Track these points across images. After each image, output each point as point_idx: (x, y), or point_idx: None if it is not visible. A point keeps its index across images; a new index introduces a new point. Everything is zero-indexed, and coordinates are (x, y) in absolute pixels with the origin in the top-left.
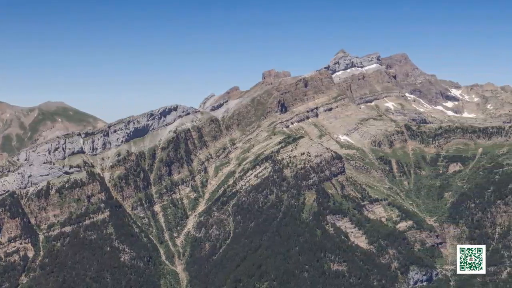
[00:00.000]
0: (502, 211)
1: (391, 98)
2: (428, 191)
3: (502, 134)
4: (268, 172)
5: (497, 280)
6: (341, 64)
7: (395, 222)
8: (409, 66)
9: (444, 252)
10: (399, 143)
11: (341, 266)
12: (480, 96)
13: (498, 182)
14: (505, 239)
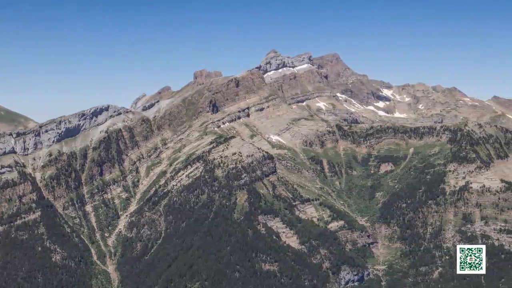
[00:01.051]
0: (433, 211)
1: (322, 98)
2: (360, 191)
3: (433, 134)
4: (199, 172)
5: (428, 280)
6: (273, 64)
7: (327, 222)
8: (341, 66)
9: (376, 252)
10: (331, 143)
11: (273, 266)
12: (411, 96)
13: (430, 182)
14: (436, 239)
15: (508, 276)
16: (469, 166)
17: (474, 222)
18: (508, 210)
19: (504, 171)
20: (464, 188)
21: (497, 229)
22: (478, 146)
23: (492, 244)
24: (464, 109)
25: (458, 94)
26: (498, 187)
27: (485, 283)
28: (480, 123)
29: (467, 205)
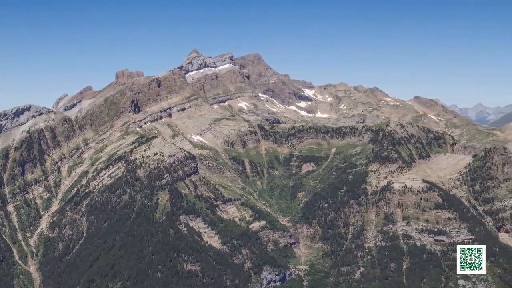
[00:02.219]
0: (355, 211)
1: (244, 98)
2: (281, 191)
3: (355, 134)
4: (121, 172)
5: (350, 280)
6: (194, 64)
7: (248, 222)
8: (262, 66)
9: (298, 252)
10: (252, 143)
11: (194, 266)
12: (333, 96)
13: (351, 182)
14: (358, 239)
15: (430, 276)
16: (390, 166)
17: (396, 222)
18: (430, 210)
19: (426, 171)
20: (385, 188)
21: (418, 229)
22: (399, 146)
23: (413, 244)
24: (386, 109)
25: (380, 94)
26: (419, 187)
27: (407, 283)
28: (401, 123)
29: (389, 205)
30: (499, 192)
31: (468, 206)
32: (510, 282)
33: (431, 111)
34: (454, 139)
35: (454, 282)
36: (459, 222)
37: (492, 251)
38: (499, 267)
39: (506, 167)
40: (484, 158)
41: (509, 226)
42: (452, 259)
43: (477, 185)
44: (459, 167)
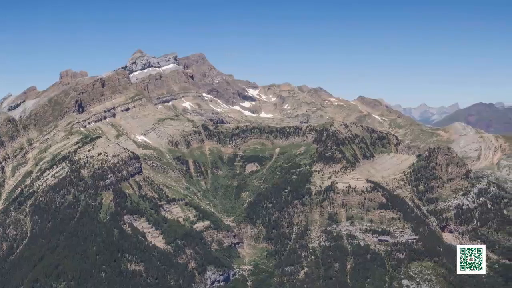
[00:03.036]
0: (299, 211)
1: (188, 98)
2: (225, 191)
3: (299, 134)
4: (65, 172)
5: (294, 280)
6: (139, 64)
7: (192, 222)
8: (207, 66)
9: (242, 252)
10: (197, 143)
11: (138, 266)
12: (277, 96)
13: (295, 182)
14: (302, 239)
15: (374, 276)
16: (334, 166)
17: (340, 222)
18: (374, 210)
19: (370, 171)
20: (329, 188)
21: (362, 229)
22: (343, 146)
23: (357, 244)
24: (330, 109)
25: (324, 94)
26: (363, 187)
27: (351, 283)
28: (345, 123)
29: (333, 205)
30: (443, 192)
31: (412, 206)
32: (453, 282)
33: (375, 111)
34: (398, 139)
35: (398, 282)
36: (403, 222)
37: (436, 251)
38: (443, 267)
39: (450, 167)
40: (428, 158)
41: (453, 226)
42: (396, 259)
43: (421, 185)
44: (403, 167)
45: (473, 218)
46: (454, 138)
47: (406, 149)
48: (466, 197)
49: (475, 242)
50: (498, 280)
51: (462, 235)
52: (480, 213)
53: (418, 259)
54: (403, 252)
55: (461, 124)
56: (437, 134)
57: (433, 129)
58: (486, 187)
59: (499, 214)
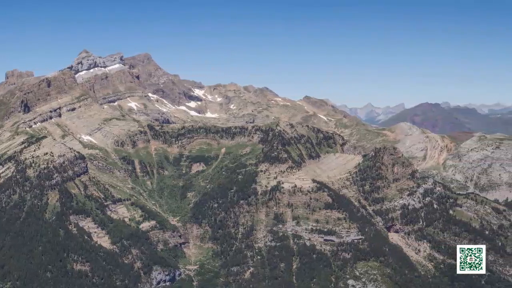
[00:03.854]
0: (245, 211)
1: (134, 98)
2: (171, 191)
3: (245, 134)
4: (11, 172)
5: (240, 280)
6: (84, 64)
7: (138, 222)
8: (152, 66)
9: (187, 252)
10: (142, 143)
11: (84, 266)
12: (223, 96)
13: (241, 182)
14: (248, 239)
15: (319, 276)
16: (280, 166)
17: (286, 222)
18: (320, 210)
19: (316, 171)
20: (275, 188)
21: (308, 229)
22: (289, 146)
23: (303, 244)
24: (275, 109)
25: (270, 94)
26: (309, 187)
27: (297, 283)
28: (291, 123)
29: (279, 205)
30: (389, 192)
31: (358, 206)
32: (399, 282)
33: (321, 111)
34: (344, 139)
35: (344, 282)
36: (348, 222)
37: (382, 251)
38: (388, 267)
39: (395, 167)
40: (373, 158)
41: (399, 226)
42: (342, 259)
43: (366, 185)
44: (349, 167)
45: (419, 218)
46: (400, 138)
47: (352, 149)
48: (412, 197)
49: (420, 242)
50: (443, 280)
51: (408, 235)
52: (426, 213)
53: (364, 259)
54: (349, 252)
55: (407, 124)
56: (383, 134)
57: (379, 129)
58: (432, 187)
59: (444, 214)
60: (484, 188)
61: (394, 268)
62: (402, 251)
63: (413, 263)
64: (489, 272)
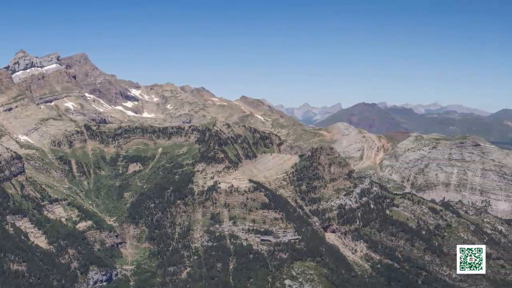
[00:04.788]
0: (181, 211)
1: (71, 98)
2: (108, 191)
3: (181, 134)
4: None
5: (176, 280)
6: (21, 64)
7: (75, 222)
8: (89, 66)
9: (124, 252)
10: (79, 143)
11: (21, 266)
12: (160, 96)
13: (178, 182)
14: (184, 239)
15: (256, 276)
16: (217, 166)
17: (223, 222)
18: (256, 210)
19: (252, 171)
20: (212, 188)
21: (245, 229)
22: (226, 146)
23: (240, 244)
24: (212, 109)
25: (207, 94)
26: (246, 187)
27: (233, 283)
28: (228, 123)
29: (216, 205)
30: (326, 192)
31: (295, 206)
32: (336, 282)
33: (258, 111)
34: (280, 139)
35: (281, 282)
36: (285, 222)
37: (319, 251)
38: (325, 267)
39: (332, 167)
40: (310, 158)
41: (336, 226)
42: (278, 259)
43: (303, 185)
44: (285, 167)
45: (355, 218)
46: (336, 138)
47: (288, 149)
48: (349, 197)
49: (357, 242)
50: (380, 280)
51: (344, 235)
52: (363, 213)
53: (301, 259)
54: (286, 252)
55: (343, 124)
56: (319, 134)
57: (316, 129)
58: (368, 187)
59: (381, 214)
60: (421, 188)
61: (330, 268)
62: (339, 251)
63: (350, 263)
64: (425, 272)
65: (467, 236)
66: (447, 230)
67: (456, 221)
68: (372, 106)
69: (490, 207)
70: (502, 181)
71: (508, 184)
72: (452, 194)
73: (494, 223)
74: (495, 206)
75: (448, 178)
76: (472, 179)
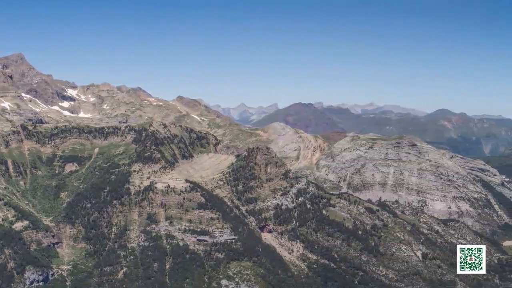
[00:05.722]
0: (118, 211)
1: (7, 98)
2: (44, 191)
3: (118, 134)
4: None
5: (113, 280)
6: None
7: (11, 222)
8: (26, 66)
9: (61, 252)
10: (15, 143)
11: None
12: (96, 96)
13: (114, 182)
14: (121, 239)
15: (192, 276)
16: (153, 166)
17: (159, 222)
18: (193, 210)
19: (189, 171)
20: (148, 188)
21: (181, 229)
22: (162, 146)
23: (176, 244)
24: (149, 109)
25: (143, 94)
26: (182, 187)
27: (170, 283)
28: (164, 123)
29: (152, 205)
30: (262, 192)
31: (231, 206)
32: (272, 281)
33: (194, 111)
34: (217, 139)
35: (217, 282)
36: (222, 222)
37: (255, 251)
38: (261, 267)
39: (269, 167)
40: (247, 158)
41: (272, 226)
42: (215, 259)
43: (240, 185)
44: (222, 167)
45: (292, 218)
46: (273, 138)
47: (225, 149)
48: (285, 197)
49: (294, 242)
50: (317, 280)
51: (281, 235)
52: (299, 213)
53: (237, 259)
54: (222, 252)
55: (280, 124)
56: (256, 134)
57: (252, 129)
58: (305, 187)
59: (318, 214)
60: (358, 188)
61: (267, 268)
62: (275, 251)
63: (286, 263)
64: (362, 272)
65: (404, 236)
66: (383, 230)
67: (392, 221)
68: (308, 106)
69: (427, 207)
70: (438, 181)
71: (444, 184)
72: (388, 194)
73: (431, 223)
74: (431, 206)
75: (385, 178)
76: (409, 179)
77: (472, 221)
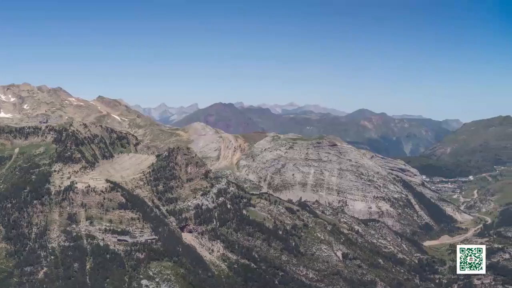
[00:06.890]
0: (38, 211)
1: None
2: None
3: (38, 134)
4: None
5: (33, 280)
6: None
7: None
8: None
9: None
10: None
11: None
12: (16, 96)
13: (35, 182)
14: (41, 239)
15: (113, 276)
16: (74, 166)
17: (79, 222)
18: (113, 210)
19: (109, 171)
20: (69, 188)
21: (102, 229)
22: (83, 146)
23: (97, 244)
24: (69, 109)
25: (64, 94)
26: (103, 187)
27: (90, 283)
28: (85, 123)
29: (72, 205)
30: (183, 192)
31: (152, 206)
32: (193, 281)
33: (115, 111)
34: (137, 139)
35: (138, 282)
36: (142, 222)
37: (176, 251)
38: (182, 267)
39: (189, 167)
40: (167, 158)
41: (193, 226)
42: (135, 259)
43: (160, 185)
44: (142, 167)
45: (212, 218)
46: (193, 138)
47: (145, 149)
48: (206, 197)
49: (214, 242)
50: (237, 280)
51: (201, 235)
52: (220, 213)
53: (158, 259)
54: (143, 252)
55: (200, 124)
56: (176, 134)
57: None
58: (225, 187)
59: (238, 214)
60: (278, 188)
61: (187, 268)
62: (196, 251)
63: (207, 263)
64: (282, 272)
65: (324, 236)
66: (304, 230)
67: (313, 221)
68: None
69: (347, 207)
70: (358, 181)
71: (365, 184)
72: (309, 194)
73: (351, 223)
74: (351, 206)
75: (305, 178)
76: (329, 179)
77: (393, 221)
